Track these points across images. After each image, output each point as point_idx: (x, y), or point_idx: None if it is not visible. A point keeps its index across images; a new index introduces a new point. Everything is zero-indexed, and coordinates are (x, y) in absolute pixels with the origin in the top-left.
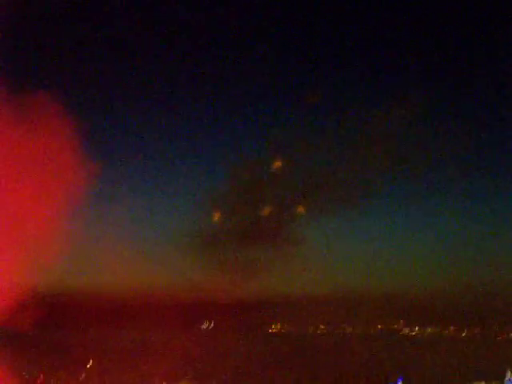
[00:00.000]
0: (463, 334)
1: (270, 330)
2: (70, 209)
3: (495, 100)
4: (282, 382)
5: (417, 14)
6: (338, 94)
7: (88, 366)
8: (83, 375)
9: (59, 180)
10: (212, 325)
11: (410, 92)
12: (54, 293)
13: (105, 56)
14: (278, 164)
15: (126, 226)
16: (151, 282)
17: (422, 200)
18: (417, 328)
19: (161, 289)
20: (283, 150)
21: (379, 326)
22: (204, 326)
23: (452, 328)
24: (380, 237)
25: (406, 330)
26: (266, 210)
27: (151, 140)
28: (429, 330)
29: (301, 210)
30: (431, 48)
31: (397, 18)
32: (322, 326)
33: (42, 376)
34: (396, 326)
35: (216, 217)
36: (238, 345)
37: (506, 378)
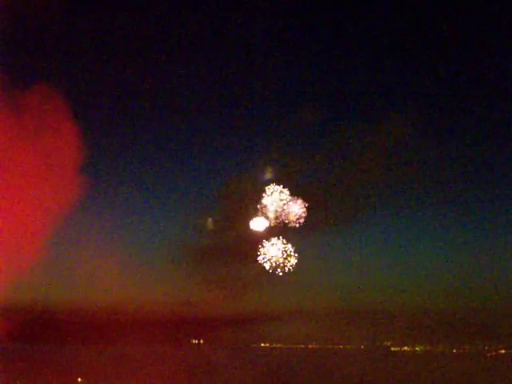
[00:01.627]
0: (454, 351)
1: (262, 345)
2: (59, 222)
3: (496, 114)
4: None
5: (416, 26)
6: (336, 108)
7: (79, 380)
8: None
9: (48, 190)
10: (202, 340)
11: (408, 108)
12: (46, 307)
13: (105, 58)
14: (271, 179)
15: (118, 243)
16: (142, 297)
17: (414, 220)
18: (406, 346)
19: (152, 304)
20: (278, 164)
21: (370, 343)
22: (195, 341)
23: (442, 345)
24: (371, 256)
25: (397, 348)
26: (257, 226)
27: (144, 154)
28: (418, 347)
29: (293, 226)
30: (432, 61)
31: (395, 29)
32: (313, 342)
33: None
34: (386, 343)
35: (207, 233)
36: (229, 359)
37: None
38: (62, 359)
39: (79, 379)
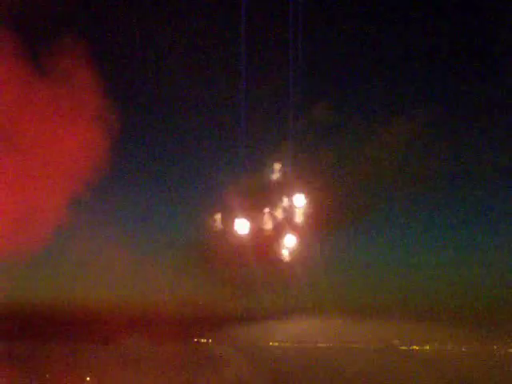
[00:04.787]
0: (463, 350)
1: (271, 344)
2: (62, 216)
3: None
4: None
5: (429, 24)
6: (343, 108)
7: (87, 379)
8: None
9: (45, 185)
10: (211, 339)
11: (415, 109)
12: (51, 305)
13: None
14: (276, 180)
15: (125, 241)
16: (149, 297)
17: (420, 219)
18: (415, 345)
19: (159, 304)
20: (283, 165)
21: (379, 342)
22: (203, 341)
23: (451, 344)
24: (377, 254)
25: (405, 346)
26: (262, 226)
27: (148, 153)
28: (427, 346)
29: (299, 225)
30: (440, 63)
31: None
32: (322, 341)
33: None
34: (395, 342)
35: (214, 231)
36: (238, 358)
37: None
38: (70, 358)
39: (87, 378)
